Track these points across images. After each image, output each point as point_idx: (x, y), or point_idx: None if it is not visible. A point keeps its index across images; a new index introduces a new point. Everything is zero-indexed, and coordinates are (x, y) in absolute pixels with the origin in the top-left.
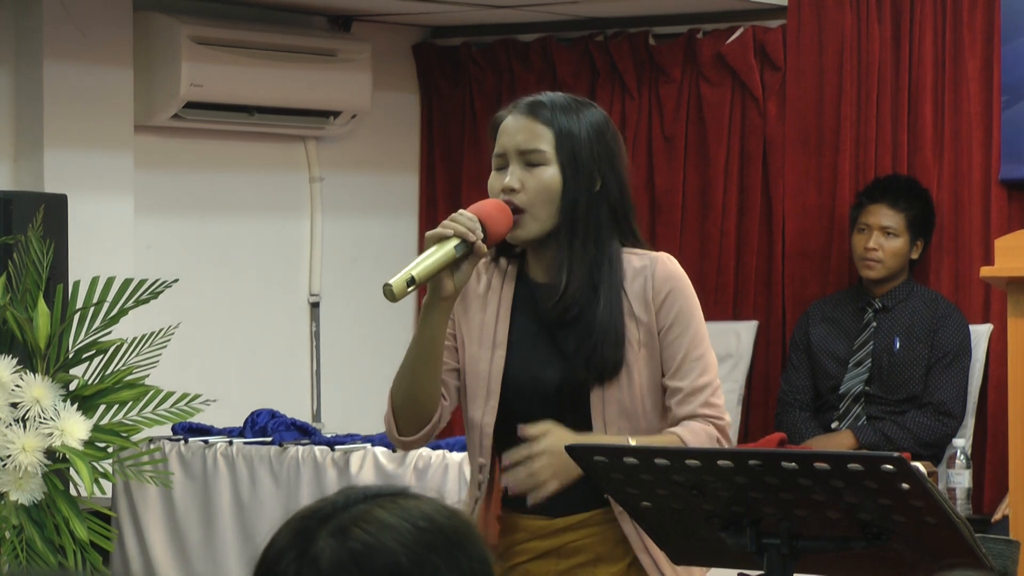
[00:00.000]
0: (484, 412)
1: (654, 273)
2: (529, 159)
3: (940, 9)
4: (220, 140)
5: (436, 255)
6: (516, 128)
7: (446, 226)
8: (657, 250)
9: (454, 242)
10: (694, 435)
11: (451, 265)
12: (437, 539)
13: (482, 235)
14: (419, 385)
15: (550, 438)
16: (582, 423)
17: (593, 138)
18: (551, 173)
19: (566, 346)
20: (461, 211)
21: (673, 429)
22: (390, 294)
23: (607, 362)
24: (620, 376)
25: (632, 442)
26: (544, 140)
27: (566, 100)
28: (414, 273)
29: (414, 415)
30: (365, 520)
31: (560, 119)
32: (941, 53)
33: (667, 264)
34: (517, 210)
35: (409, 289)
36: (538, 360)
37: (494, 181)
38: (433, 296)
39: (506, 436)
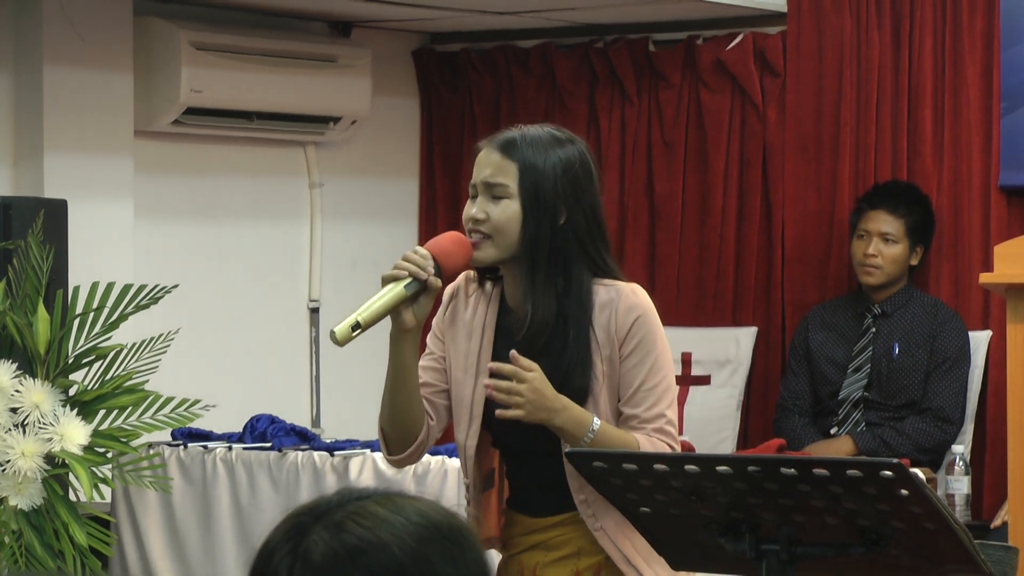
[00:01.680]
0: (467, 436)
1: (617, 307)
2: (494, 192)
3: (940, 15)
4: (220, 145)
5: (385, 297)
6: (485, 162)
7: (398, 266)
8: (654, 258)
9: (405, 282)
10: (651, 445)
11: (408, 301)
12: (432, 534)
13: (434, 271)
14: (398, 411)
15: (538, 375)
16: (553, 448)
17: (559, 172)
18: (513, 207)
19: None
20: (416, 248)
21: (634, 433)
22: (335, 341)
23: (575, 392)
24: (586, 407)
25: (597, 422)
26: (508, 175)
27: (541, 135)
28: (360, 318)
29: (399, 437)
30: (359, 515)
31: (527, 154)
32: (941, 59)
33: (631, 297)
34: (485, 237)
35: (354, 334)
36: None
37: (465, 209)
38: (396, 329)
39: (506, 453)
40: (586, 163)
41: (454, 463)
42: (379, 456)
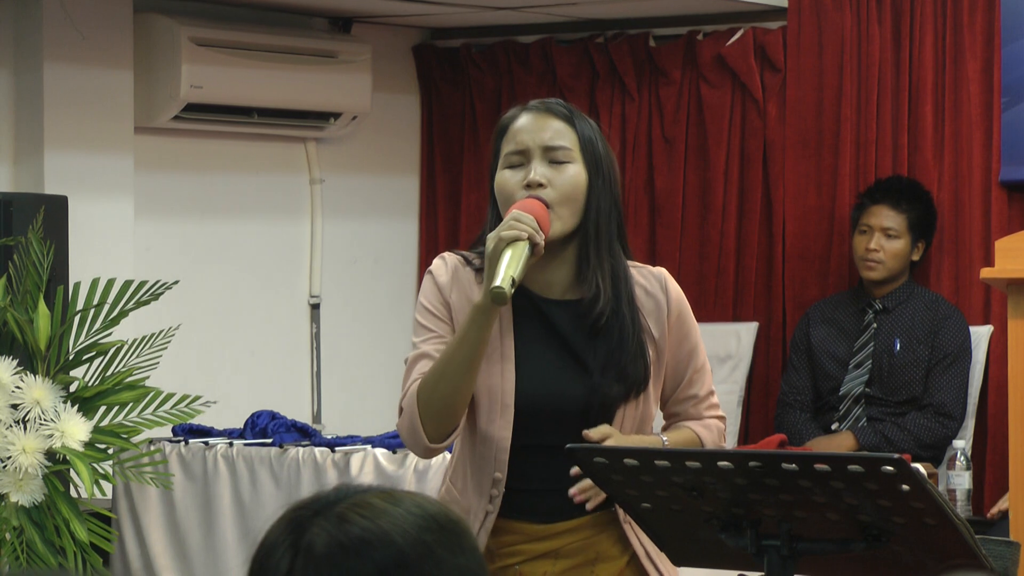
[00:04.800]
0: (500, 426)
1: (667, 292)
2: (554, 156)
3: (940, 10)
4: (220, 141)
5: (517, 255)
6: (538, 125)
7: (516, 228)
8: (655, 254)
9: (526, 243)
10: (708, 431)
11: None
12: (431, 524)
13: (543, 236)
14: (460, 391)
15: (613, 442)
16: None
17: (605, 146)
18: (577, 171)
19: (589, 360)
20: (520, 212)
21: (688, 424)
22: (502, 297)
23: (638, 377)
24: (641, 394)
25: (664, 439)
26: (567, 138)
27: (573, 106)
28: (513, 275)
29: (447, 421)
30: (360, 507)
31: (580, 122)
32: (941, 54)
33: (675, 282)
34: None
35: (512, 290)
36: (556, 375)
37: (510, 179)
38: (489, 299)
39: (515, 450)
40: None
41: None
42: (380, 452)
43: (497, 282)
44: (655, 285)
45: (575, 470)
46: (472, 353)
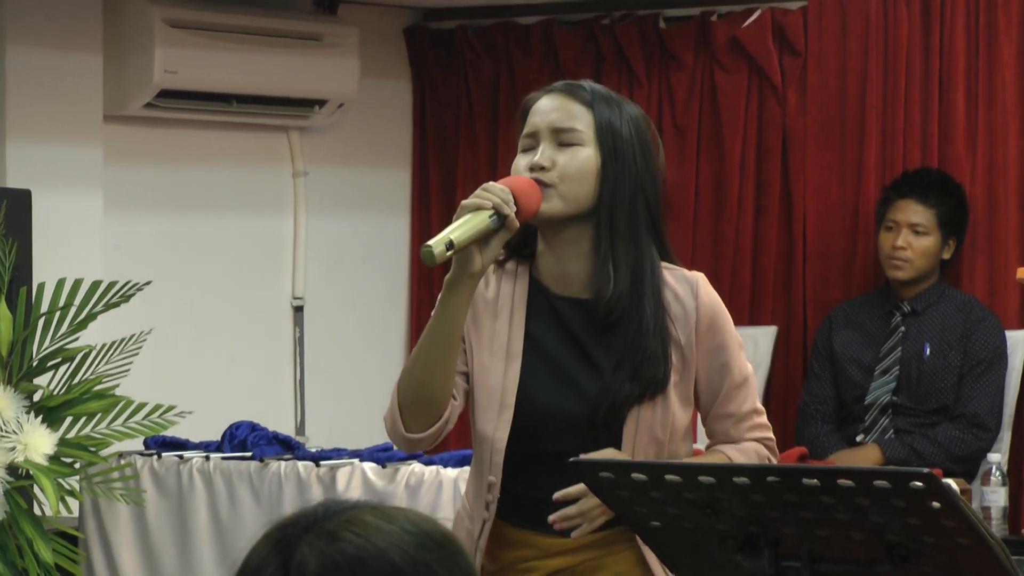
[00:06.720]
0: (496, 427)
1: (698, 297)
2: (563, 139)
3: None
4: (196, 131)
5: (472, 222)
6: (551, 107)
7: (481, 196)
8: (675, 256)
9: (489, 212)
10: (744, 455)
11: (481, 239)
12: (427, 542)
13: (515, 208)
14: (433, 374)
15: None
16: (612, 446)
17: (633, 133)
18: (587, 153)
19: (601, 360)
20: (492, 183)
21: (722, 448)
22: (429, 257)
23: (655, 376)
24: (657, 397)
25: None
26: (581, 120)
27: (606, 90)
28: (452, 237)
29: (424, 409)
30: (353, 524)
31: (600, 106)
32: (974, 38)
33: (709, 288)
34: (545, 187)
35: (448, 253)
36: (565, 375)
37: (519, 162)
38: (459, 271)
39: (517, 454)
40: (652, 127)
41: (449, 474)
42: (368, 466)
43: (430, 241)
44: (686, 289)
45: (559, 494)
46: (441, 332)
